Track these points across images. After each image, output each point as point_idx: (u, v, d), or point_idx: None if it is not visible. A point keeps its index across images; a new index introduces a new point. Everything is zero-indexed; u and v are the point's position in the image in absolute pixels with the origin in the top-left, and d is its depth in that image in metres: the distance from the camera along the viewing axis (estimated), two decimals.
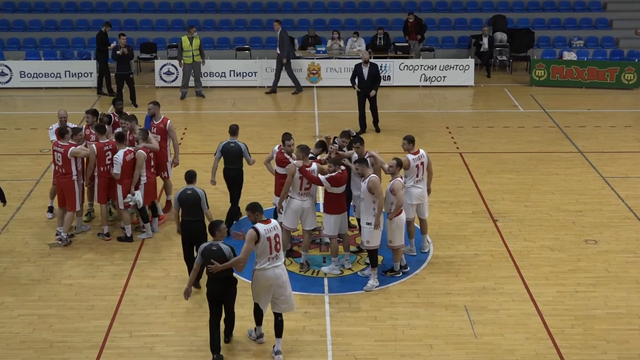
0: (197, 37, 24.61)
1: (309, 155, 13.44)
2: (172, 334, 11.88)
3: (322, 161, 13.78)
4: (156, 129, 15.41)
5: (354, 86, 21.04)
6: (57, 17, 29.75)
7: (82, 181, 14.72)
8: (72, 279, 13.46)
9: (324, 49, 26.81)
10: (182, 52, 24.70)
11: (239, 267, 10.91)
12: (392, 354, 11.42)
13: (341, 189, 13.16)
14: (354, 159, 13.60)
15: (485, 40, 27.64)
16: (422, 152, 13.82)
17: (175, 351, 11.50)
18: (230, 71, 25.96)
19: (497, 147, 20.26)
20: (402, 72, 26.17)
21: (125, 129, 15.03)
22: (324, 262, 13.98)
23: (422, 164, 13.72)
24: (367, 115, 21.10)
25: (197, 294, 12.81)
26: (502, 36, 28.43)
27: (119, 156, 14.23)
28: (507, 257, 14.23)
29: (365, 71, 20.77)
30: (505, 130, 21.77)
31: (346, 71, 25.26)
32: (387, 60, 26.44)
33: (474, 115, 23.67)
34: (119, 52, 23.27)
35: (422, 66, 26.22)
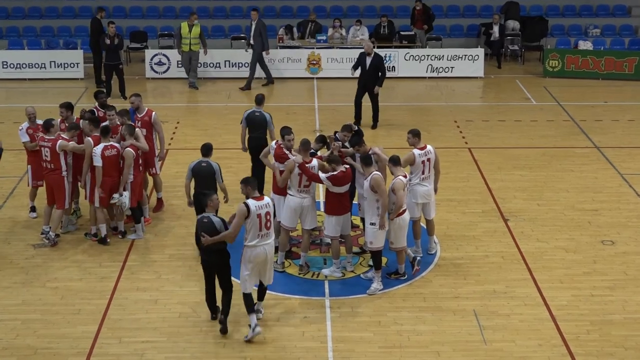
0: (198, 25, 24.62)
1: (309, 150, 13.43)
2: (164, 340, 11.89)
3: (324, 157, 13.78)
4: (141, 122, 15.39)
5: (352, 72, 21.18)
6: (41, 4, 29.75)
7: (71, 178, 14.70)
8: (58, 282, 13.47)
9: (324, 37, 26.81)
10: (180, 39, 24.72)
11: (229, 240, 11.58)
12: None
13: (344, 189, 13.14)
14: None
15: (495, 28, 27.63)
16: (429, 147, 13.82)
17: (167, 358, 11.51)
18: (225, 61, 25.96)
19: (508, 142, 20.26)
20: (408, 63, 26.17)
21: (112, 123, 14.99)
22: (325, 263, 13.99)
23: (428, 160, 13.70)
24: (367, 108, 20.92)
25: (191, 298, 12.83)
26: (513, 24, 28.42)
27: (97, 149, 14.20)
28: (519, 259, 14.24)
29: (368, 61, 20.73)
30: (517, 124, 21.77)
31: (348, 61, 25.26)
32: (391, 50, 26.43)
33: (484, 108, 23.67)
34: (109, 42, 23.23)
35: (428, 56, 26.22)
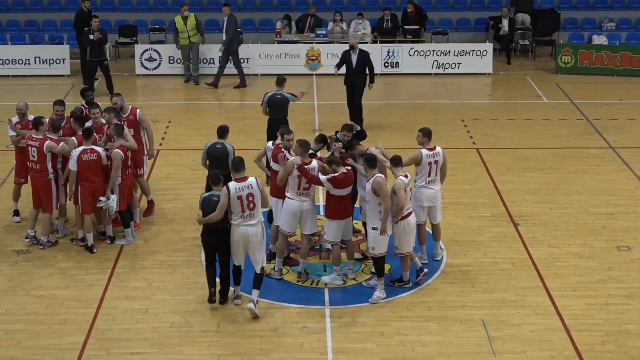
0: (192, 16, 24.65)
1: (309, 151, 13.42)
2: (155, 352, 11.88)
3: (324, 159, 13.77)
4: (126, 122, 15.30)
5: (335, 72, 20.81)
6: None
7: (61, 181, 14.67)
8: (43, 290, 13.46)
9: (324, 32, 26.82)
10: (178, 34, 24.75)
11: (215, 221, 12.34)
12: None
13: (346, 192, 13.14)
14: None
15: (505, 22, 27.64)
16: (439, 150, 13.80)
17: None
18: (219, 57, 25.91)
19: (518, 143, 20.26)
20: (412, 59, 26.18)
21: (97, 122, 14.94)
22: (325, 271, 13.98)
23: (436, 163, 13.70)
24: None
25: (183, 307, 12.83)
26: (524, 18, 28.44)
27: (75, 152, 14.16)
28: (530, 266, 14.23)
29: (354, 59, 20.20)
30: (527, 123, 21.77)
31: None
32: (395, 45, 26.46)
33: (493, 106, 23.67)
34: (93, 37, 23.18)
35: (434, 52, 26.23)
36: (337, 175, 12.98)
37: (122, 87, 24.24)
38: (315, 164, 13.26)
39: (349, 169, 13.18)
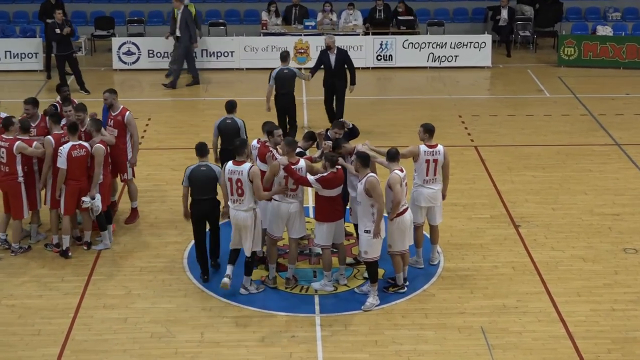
0: (192, 6, 24.54)
1: (296, 150, 13.43)
2: None
3: (313, 158, 13.77)
4: (113, 121, 15.26)
5: (309, 77, 20.30)
6: None
7: (37, 184, 14.59)
8: (15, 299, 13.43)
9: (313, 23, 26.83)
10: (175, 24, 24.71)
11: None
12: None
13: (336, 192, 13.14)
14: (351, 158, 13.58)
15: (504, 12, 27.70)
16: (439, 148, 13.81)
17: None
18: (202, 50, 25.92)
19: (519, 140, 20.30)
20: (407, 51, 26.21)
21: (72, 119, 14.90)
22: (315, 276, 13.99)
23: (435, 161, 13.70)
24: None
25: (164, 315, 12.82)
26: (524, 8, 28.49)
27: (64, 148, 14.14)
28: (532, 270, 14.26)
29: (332, 59, 19.92)
30: (528, 119, 21.82)
31: None
32: (388, 37, 26.48)
33: (492, 101, 23.71)
34: (62, 32, 23.01)
35: (429, 44, 26.27)
36: (325, 174, 12.98)
37: (98, 82, 24.21)
38: (302, 163, 13.25)
39: (339, 168, 13.18)
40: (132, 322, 12.78)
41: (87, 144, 14.37)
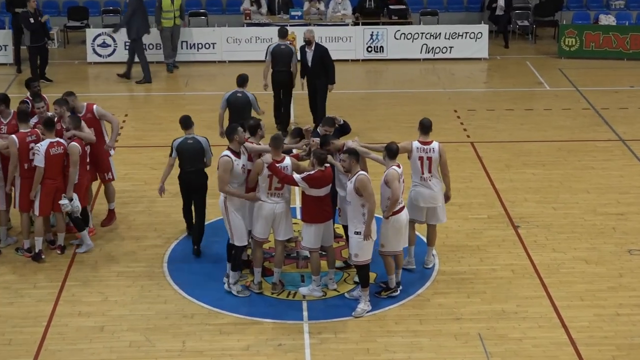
0: None
1: (281, 148, 13.41)
2: None
3: (300, 156, 13.77)
4: (85, 122, 15.21)
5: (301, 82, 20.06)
6: None
7: (7, 186, 14.54)
8: None
9: (299, 13, 26.82)
10: (160, 13, 24.69)
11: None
12: None
13: (323, 191, 13.14)
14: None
15: (501, 1, 27.73)
16: (434, 145, 13.81)
17: None
18: (182, 42, 25.91)
19: (517, 135, 20.34)
20: (399, 42, 26.23)
21: (44, 116, 14.84)
22: (303, 281, 13.99)
23: (428, 159, 13.69)
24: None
25: (143, 323, 12.81)
26: None
27: (41, 146, 14.11)
28: (532, 273, 14.30)
29: (309, 56, 19.66)
30: (527, 113, 21.86)
31: (328, 41, 25.28)
32: (379, 27, 26.49)
33: (489, 95, 23.74)
34: (34, 20, 22.95)
35: (423, 34, 26.29)
36: (312, 172, 12.98)
37: (71, 76, 24.20)
38: (288, 161, 13.24)
39: (327, 166, 13.18)
40: (109, 330, 12.76)
41: (63, 141, 14.34)
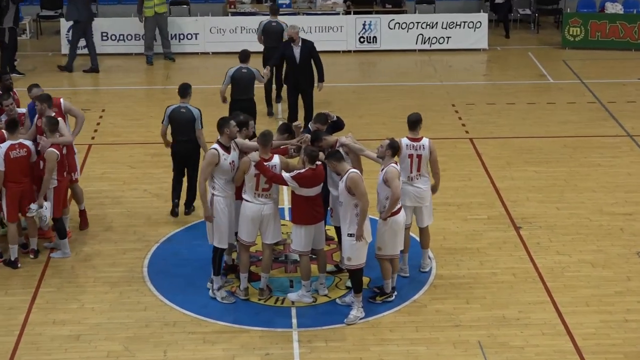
0: None
1: (270, 146, 13.40)
2: None
3: (289, 152, 13.73)
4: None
5: (268, 75, 19.61)
6: None
7: None
8: None
9: (287, 2, 26.81)
10: (142, 3, 24.70)
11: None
12: None
13: (314, 191, 13.13)
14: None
15: None
16: (424, 141, 13.82)
17: None
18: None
19: (519, 131, 20.37)
20: (393, 32, 26.23)
21: (11, 115, 14.70)
22: (292, 286, 13.99)
23: (418, 156, 13.70)
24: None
25: (122, 332, 12.80)
26: None
27: (1, 148, 14.02)
28: (535, 277, 14.32)
29: (296, 52, 19.46)
30: (530, 107, 21.89)
31: (318, 31, 25.30)
32: (372, 16, 26.50)
33: (489, 88, 23.77)
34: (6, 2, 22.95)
35: (419, 24, 26.29)
36: (302, 171, 12.98)
37: (45, 69, 24.15)
38: (276, 159, 13.24)
39: (319, 164, 13.18)
40: (86, 339, 12.74)
41: (28, 143, 14.24)
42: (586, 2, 28.58)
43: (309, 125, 14.26)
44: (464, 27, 26.31)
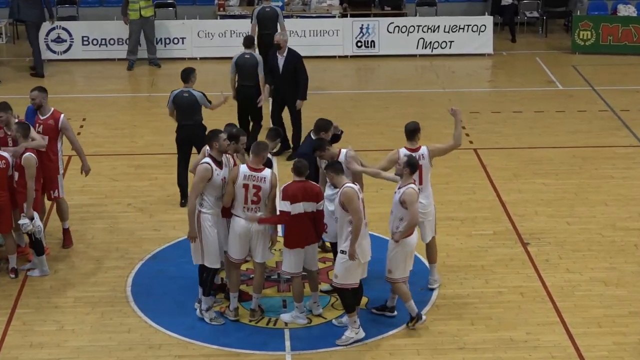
0: None
1: (263, 157, 13.38)
2: None
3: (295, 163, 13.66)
4: (43, 126, 15.12)
5: (269, 85, 19.20)
6: None
7: None
8: None
9: (280, 4, 26.83)
10: (127, 5, 24.73)
11: None
12: None
13: (301, 207, 13.01)
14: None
15: None
16: (423, 150, 13.84)
17: None
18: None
19: (526, 141, 20.39)
20: (392, 36, 26.26)
21: None
22: (285, 307, 13.98)
23: (418, 167, 13.68)
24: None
25: (104, 355, 12.78)
26: None
27: None
28: (544, 296, 14.32)
29: (280, 62, 19.06)
30: (538, 116, 21.91)
31: (313, 35, 25.32)
32: (370, 19, 26.53)
33: (494, 95, 23.80)
34: None
35: (420, 27, 26.33)
36: (287, 184, 12.96)
37: (21, 76, 24.14)
38: (267, 172, 13.12)
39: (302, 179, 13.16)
40: None
41: (5, 154, 14.24)
42: (597, 4, 28.70)
43: (310, 133, 14.26)
44: (467, 31, 26.36)
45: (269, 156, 13.86)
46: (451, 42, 26.35)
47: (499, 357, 12.78)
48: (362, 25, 26.13)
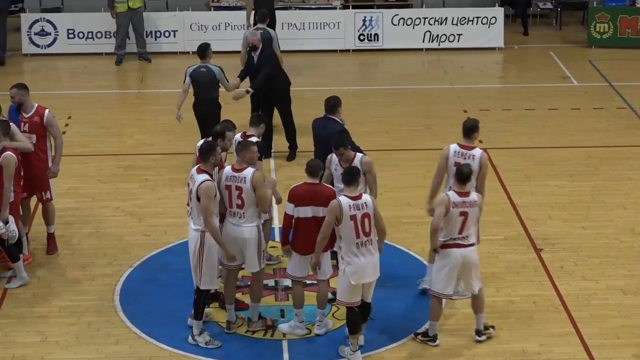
0: None
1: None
2: None
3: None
4: (28, 124, 15.13)
5: (239, 83, 19.06)
6: None
7: None
8: None
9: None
10: None
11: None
12: None
13: (309, 211, 13.02)
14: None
15: None
16: (476, 151, 14.15)
17: None
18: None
19: (539, 140, 20.40)
20: (397, 29, 26.27)
21: None
22: (283, 316, 13.97)
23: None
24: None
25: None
26: None
27: None
28: (558, 305, 14.32)
29: (255, 61, 19.08)
30: (551, 114, 21.93)
31: (312, 28, 25.32)
32: (373, 10, 26.55)
33: (505, 92, 23.81)
34: None
35: (426, 20, 26.35)
36: (295, 185, 12.97)
37: (3, 71, 24.13)
38: (248, 171, 12.87)
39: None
40: None
41: None
42: None
43: (326, 115, 14.99)
44: (477, 23, 26.38)
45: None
46: (459, 35, 26.37)
47: None
48: (365, 17, 26.14)
